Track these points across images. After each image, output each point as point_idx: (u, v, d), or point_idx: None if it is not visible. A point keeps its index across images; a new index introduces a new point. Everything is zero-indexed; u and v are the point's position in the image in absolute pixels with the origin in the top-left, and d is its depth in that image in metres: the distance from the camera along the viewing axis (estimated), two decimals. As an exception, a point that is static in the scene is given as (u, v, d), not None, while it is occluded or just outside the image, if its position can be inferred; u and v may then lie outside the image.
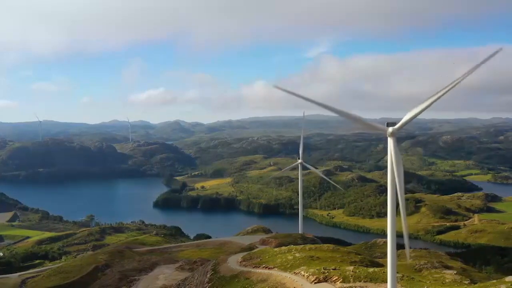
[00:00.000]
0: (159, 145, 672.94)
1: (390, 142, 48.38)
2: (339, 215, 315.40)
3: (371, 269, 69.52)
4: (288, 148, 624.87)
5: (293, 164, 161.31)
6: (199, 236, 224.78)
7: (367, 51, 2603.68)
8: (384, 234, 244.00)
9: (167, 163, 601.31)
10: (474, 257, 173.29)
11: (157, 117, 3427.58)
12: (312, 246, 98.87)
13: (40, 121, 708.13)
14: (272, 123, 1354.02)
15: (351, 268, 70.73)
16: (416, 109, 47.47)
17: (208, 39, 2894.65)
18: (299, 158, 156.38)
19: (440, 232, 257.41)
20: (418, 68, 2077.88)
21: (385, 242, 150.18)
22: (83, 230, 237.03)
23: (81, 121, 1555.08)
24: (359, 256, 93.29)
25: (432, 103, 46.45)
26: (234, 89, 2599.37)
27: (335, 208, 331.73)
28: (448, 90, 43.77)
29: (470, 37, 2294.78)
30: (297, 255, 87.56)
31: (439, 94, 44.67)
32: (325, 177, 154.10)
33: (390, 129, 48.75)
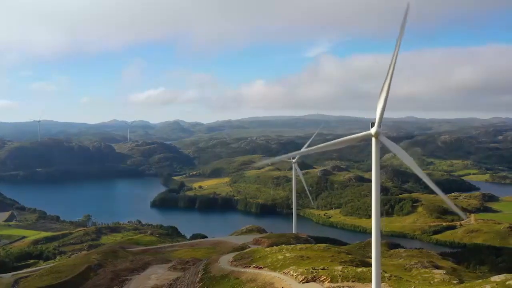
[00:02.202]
0: (158, 145, 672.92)
1: (374, 142, 48.74)
2: (336, 215, 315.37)
3: (359, 269, 69.68)
4: (287, 148, 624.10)
5: (286, 159, 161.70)
6: (195, 236, 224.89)
7: (367, 51, 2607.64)
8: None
9: (165, 163, 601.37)
10: (469, 257, 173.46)
11: (157, 117, 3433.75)
12: (303, 246, 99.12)
13: (39, 121, 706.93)
14: (272, 123, 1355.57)
15: (340, 268, 70.89)
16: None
17: (208, 39, 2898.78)
18: (293, 158, 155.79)
19: (436, 232, 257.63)
20: (418, 67, 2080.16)
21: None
22: (79, 230, 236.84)
23: (81, 121, 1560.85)
24: (349, 256, 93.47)
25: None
26: (234, 89, 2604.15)
27: (332, 208, 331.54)
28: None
29: (470, 36, 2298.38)
30: (287, 255, 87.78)
31: None
32: (306, 186, 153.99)
33: (374, 129, 48.96)
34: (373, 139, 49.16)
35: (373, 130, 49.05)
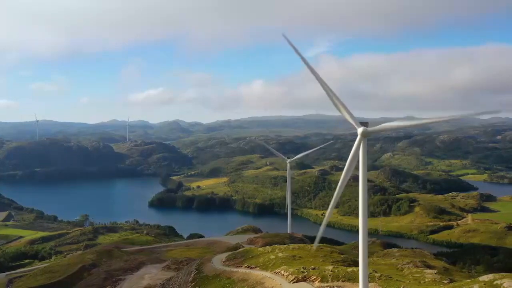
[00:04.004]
0: (156, 145, 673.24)
1: (360, 141, 48.64)
2: (333, 215, 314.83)
3: (350, 269, 69.71)
4: (286, 147, 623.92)
5: (282, 155, 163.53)
6: (192, 236, 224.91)
7: (366, 50, 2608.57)
8: (375, 234, 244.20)
9: (164, 162, 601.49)
10: (465, 257, 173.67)
11: (156, 117, 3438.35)
12: (296, 245, 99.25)
13: (38, 121, 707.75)
14: (271, 123, 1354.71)
15: (331, 267, 70.95)
16: (397, 123, 48.18)
17: (208, 39, 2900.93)
18: (288, 158, 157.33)
19: (433, 232, 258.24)
20: (416, 67, 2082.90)
21: (374, 242, 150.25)
22: (76, 230, 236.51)
23: (80, 121, 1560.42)
24: (342, 256, 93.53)
25: (412, 125, 47.95)
26: (233, 89, 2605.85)
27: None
28: (431, 122, 45.08)
29: (469, 36, 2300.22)
30: (279, 254, 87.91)
31: (423, 121, 46.48)
32: (288, 191, 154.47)
33: (361, 129, 48.84)
34: (361, 138, 49.05)
35: (360, 130, 49.03)
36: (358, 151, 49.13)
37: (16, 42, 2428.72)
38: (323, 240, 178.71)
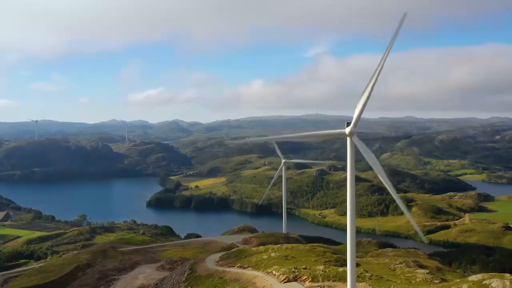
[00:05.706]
0: (155, 145, 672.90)
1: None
2: (331, 215, 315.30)
3: (341, 269, 69.81)
4: (285, 148, 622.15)
5: (280, 152, 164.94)
6: (189, 236, 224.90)
7: (365, 51, 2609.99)
8: (373, 234, 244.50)
9: (162, 162, 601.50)
10: (461, 256, 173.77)
11: (156, 116, 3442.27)
12: (289, 245, 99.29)
13: (37, 121, 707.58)
14: (270, 123, 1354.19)
15: (322, 267, 71.06)
16: (374, 163, 47.83)
17: (207, 39, 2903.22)
18: (285, 158, 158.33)
19: (430, 232, 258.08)
20: (416, 67, 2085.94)
21: (370, 242, 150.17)
22: (73, 230, 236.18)
23: (80, 120, 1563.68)
24: (335, 256, 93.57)
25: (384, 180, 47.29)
26: (233, 89, 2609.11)
27: (327, 208, 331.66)
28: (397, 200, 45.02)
29: (468, 36, 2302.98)
30: (272, 254, 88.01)
31: (393, 192, 46.05)
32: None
33: (348, 129, 48.81)
34: (348, 139, 49.01)
35: (347, 130, 48.94)
36: (331, 134, 49.99)
37: (16, 42, 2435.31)
38: (320, 240, 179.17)
